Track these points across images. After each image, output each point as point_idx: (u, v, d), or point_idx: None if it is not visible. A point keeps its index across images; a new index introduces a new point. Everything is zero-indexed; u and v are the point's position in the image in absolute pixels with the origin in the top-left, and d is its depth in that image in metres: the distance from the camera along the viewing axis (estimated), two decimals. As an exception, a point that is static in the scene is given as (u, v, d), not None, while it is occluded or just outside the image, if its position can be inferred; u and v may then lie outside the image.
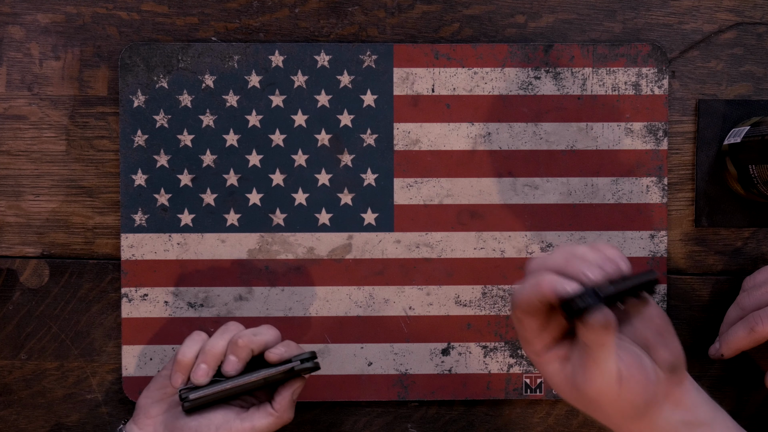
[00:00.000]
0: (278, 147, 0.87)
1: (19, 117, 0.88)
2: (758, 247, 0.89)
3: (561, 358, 0.66)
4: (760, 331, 0.80)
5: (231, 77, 0.87)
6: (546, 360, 0.67)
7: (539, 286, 0.63)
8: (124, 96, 0.87)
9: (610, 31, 0.88)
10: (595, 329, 0.62)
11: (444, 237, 0.88)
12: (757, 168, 0.81)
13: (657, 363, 0.66)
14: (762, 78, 0.88)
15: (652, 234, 0.88)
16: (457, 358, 0.88)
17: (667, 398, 0.66)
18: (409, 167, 0.88)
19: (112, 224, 0.88)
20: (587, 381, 0.64)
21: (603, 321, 0.61)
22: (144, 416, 0.78)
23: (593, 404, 0.66)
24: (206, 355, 0.78)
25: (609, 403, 0.65)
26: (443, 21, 0.88)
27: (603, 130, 0.88)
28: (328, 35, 0.88)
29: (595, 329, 0.62)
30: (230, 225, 0.87)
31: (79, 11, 0.88)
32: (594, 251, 0.65)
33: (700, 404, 0.68)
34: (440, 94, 0.87)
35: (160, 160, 0.87)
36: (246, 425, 0.76)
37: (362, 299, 0.88)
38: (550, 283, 0.63)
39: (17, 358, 0.88)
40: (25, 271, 0.88)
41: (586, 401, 0.66)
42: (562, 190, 0.87)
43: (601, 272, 0.63)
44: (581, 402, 0.66)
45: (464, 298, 0.88)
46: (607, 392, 0.64)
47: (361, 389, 0.88)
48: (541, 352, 0.66)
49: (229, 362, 0.78)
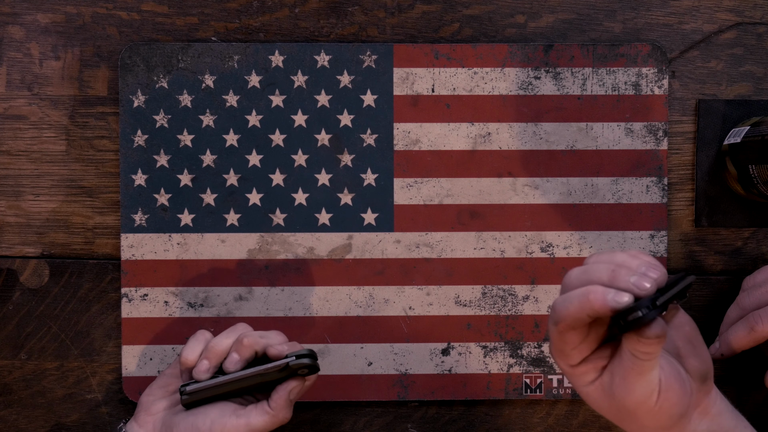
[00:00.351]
0: (278, 147, 0.87)
1: (19, 117, 0.88)
2: (758, 247, 0.89)
3: (597, 369, 0.64)
4: (759, 330, 0.80)
5: (231, 77, 0.87)
6: (581, 371, 0.64)
7: (589, 301, 0.60)
8: (124, 96, 0.87)
9: (610, 31, 0.88)
10: (652, 342, 0.59)
11: (444, 237, 0.88)
12: (757, 168, 0.81)
13: (688, 372, 0.64)
14: (762, 78, 0.88)
15: (652, 234, 0.88)
16: (457, 358, 0.88)
17: (696, 408, 0.65)
18: (409, 167, 0.88)
19: (112, 224, 0.88)
20: (628, 392, 0.62)
21: (660, 332, 0.59)
22: (145, 413, 0.78)
23: (630, 415, 0.64)
24: (209, 351, 0.78)
25: (646, 414, 0.63)
26: (443, 21, 0.88)
27: (603, 130, 0.88)
28: (328, 35, 0.88)
29: (652, 342, 0.59)
30: (230, 225, 0.87)
31: (79, 11, 0.88)
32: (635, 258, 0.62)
33: (725, 412, 0.67)
34: (440, 94, 0.87)
35: (160, 160, 0.87)
36: (241, 421, 0.76)
37: (362, 299, 0.88)
38: (603, 297, 0.60)
39: (17, 358, 0.88)
40: (25, 271, 0.88)
41: (622, 412, 0.64)
42: (562, 190, 0.87)
43: (652, 281, 0.60)
44: (616, 413, 0.64)
45: (464, 298, 0.88)
46: (647, 403, 0.62)
47: (361, 389, 0.88)
48: (577, 364, 0.64)
49: (231, 359, 0.78)
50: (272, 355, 0.78)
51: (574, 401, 0.89)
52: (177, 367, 0.81)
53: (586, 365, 0.64)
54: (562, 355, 0.64)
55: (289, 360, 0.77)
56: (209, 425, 0.76)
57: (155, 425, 0.78)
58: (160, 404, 0.79)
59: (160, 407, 0.78)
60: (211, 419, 0.76)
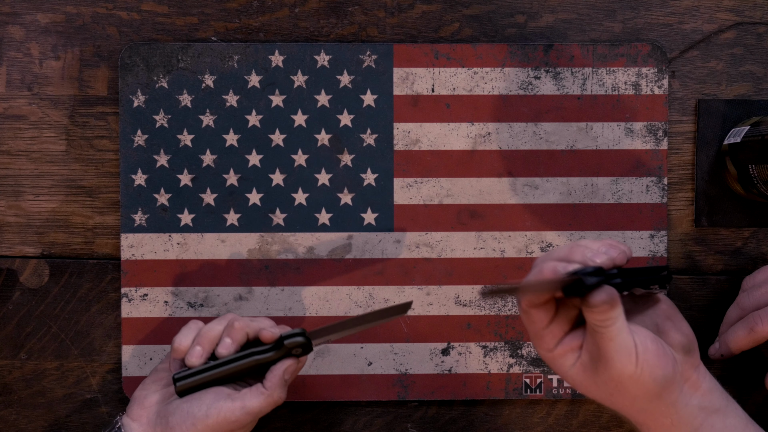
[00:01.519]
0: (278, 147, 0.87)
1: (19, 117, 0.88)
2: (758, 247, 0.89)
3: (574, 349, 0.67)
4: (759, 331, 0.80)
5: (231, 77, 0.87)
6: (559, 353, 0.67)
7: (541, 272, 0.64)
8: (124, 96, 0.87)
9: (610, 31, 0.88)
10: (599, 307, 0.62)
11: (444, 237, 0.88)
12: (757, 168, 0.81)
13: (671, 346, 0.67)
14: (762, 78, 0.88)
15: (652, 234, 0.88)
16: (457, 358, 0.88)
17: (686, 381, 0.68)
18: (409, 167, 0.88)
19: (112, 224, 0.88)
20: (607, 361, 0.65)
21: (605, 298, 0.62)
22: (138, 407, 0.78)
23: (618, 388, 0.66)
24: (202, 338, 0.78)
25: (631, 381, 0.65)
26: (443, 21, 0.88)
27: (603, 130, 0.88)
28: (328, 35, 0.88)
29: (599, 307, 0.62)
30: (230, 225, 0.87)
31: (79, 11, 0.88)
32: (598, 242, 0.66)
33: (715, 390, 0.69)
34: (440, 94, 0.87)
35: (160, 160, 0.87)
36: (237, 404, 0.76)
37: (362, 299, 0.88)
38: (553, 267, 0.64)
39: (17, 358, 0.88)
40: (25, 271, 0.88)
41: (610, 387, 0.66)
42: (562, 190, 0.87)
43: (605, 257, 0.64)
44: (605, 390, 0.67)
45: (464, 298, 0.88)
46: (628, 367, 0.65)
47: (361, 389, 0.88)
48: (554, 347, 0.67)
49: (224, 344, 0.78)
50: (265, 337, 0.78)
51: (574, 401, 0.89)
52: (169, 361, 0.81)
53: (563, 347, 0.67)
54: (537, 339, 0.67)
55: (283, 337, 0.77)
56: (205, 410, 0.76)
57: (149, 418, 0.77)
58: (153, 398, 0.78)
59: (153, 400, 0.78)
60: (207, 404, 0.76)
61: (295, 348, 0.77)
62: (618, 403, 0.68)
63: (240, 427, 0.77)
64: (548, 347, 0.67)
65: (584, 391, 0.68)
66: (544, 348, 0.68)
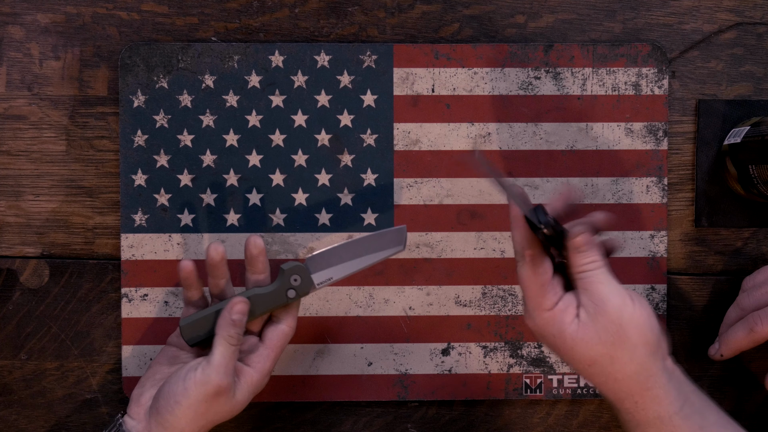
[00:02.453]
0: (278, 147, 0.87)
1: (19, 117, 0.88)
2: (758, 247, 0.89)
3: (573, 305, 0.70)
4: (759, 331, 0.80)
5: (231, 77, 0.87)
6: (561, 309, 0.69)
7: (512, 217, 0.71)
8: (124, 96, 0.87)
9: (610, 31, 0.88)
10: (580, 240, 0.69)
11: (444, 237, 0.88)
12: (757, 168, 0.81)
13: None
14: (762, 78, 0.88)
15: (652, 234, 0.88)
16: (457, 358, 0.88)
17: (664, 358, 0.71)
18: (409, 167, 0.88)
19: (112, 224, 0.88)
20: (605, 304, 0.68)
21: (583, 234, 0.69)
22: (135, 405, 0.78)
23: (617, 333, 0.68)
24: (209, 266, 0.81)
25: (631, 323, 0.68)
26: (443, 21, 0.88)
27: (603, 130, 0.88)
28: (328, 35, 0.88)
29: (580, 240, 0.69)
30: (230, 225, 0.87)
31: (79, 11, 0.88)
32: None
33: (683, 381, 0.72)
34: (440, 94, 0.87)
35: (160, 160, 0.87)
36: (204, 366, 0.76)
37: (362, 299, 0.88)
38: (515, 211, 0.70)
39: (17, 358, 0.88)
40: (25, 271, 0.88)
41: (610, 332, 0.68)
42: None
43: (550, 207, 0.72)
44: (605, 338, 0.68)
45: (464, 298, 0.88)
46: (627, 305, 0.68)
47: (361, 389, 0.88)
48: (555, 302, 0.70)
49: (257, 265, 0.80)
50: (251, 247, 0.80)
51: (574, 401, 0.89)
52: (164, 354, 0.81)
53: (564, 302, 0.70)
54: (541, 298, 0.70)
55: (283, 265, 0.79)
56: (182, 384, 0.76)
57: (145, 414, 0.77)
58: (148, 394, 0.78)
59: (148, 397, 0.78)
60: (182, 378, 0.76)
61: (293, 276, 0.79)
62: (619, 358, 0.69)
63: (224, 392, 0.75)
64: (550, 304, 0.70)
65: (585, 348, 0.69)
66: (545, 307, 0.70)
